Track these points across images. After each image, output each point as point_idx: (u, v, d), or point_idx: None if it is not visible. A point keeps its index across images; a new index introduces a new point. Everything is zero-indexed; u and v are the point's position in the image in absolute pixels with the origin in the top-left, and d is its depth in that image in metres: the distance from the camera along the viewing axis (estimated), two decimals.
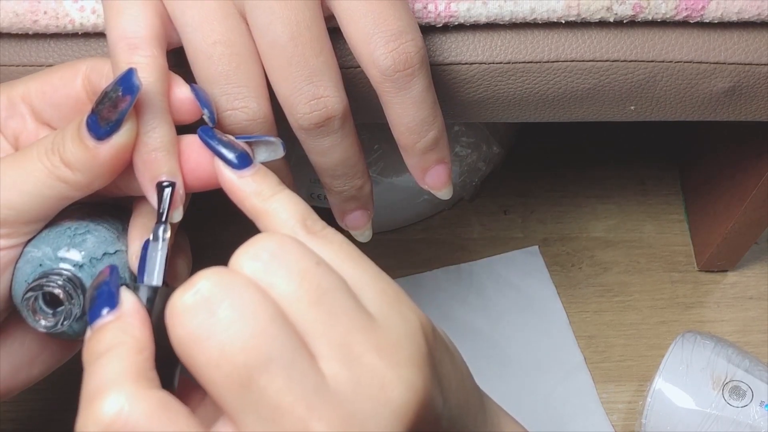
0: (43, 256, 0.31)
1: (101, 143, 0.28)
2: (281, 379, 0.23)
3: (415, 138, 0.34)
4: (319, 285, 0.24)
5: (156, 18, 0.31)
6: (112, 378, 0.24)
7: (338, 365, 0.23)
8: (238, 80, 0.31)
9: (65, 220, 0.32)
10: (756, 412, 0.51)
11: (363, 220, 0.37)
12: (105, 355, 0.25)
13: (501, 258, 0.66)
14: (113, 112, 0.28)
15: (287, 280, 0.24)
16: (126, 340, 0.25)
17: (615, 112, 0.41)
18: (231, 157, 0.29)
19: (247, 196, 0.28)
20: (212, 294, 0.23)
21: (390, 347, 0.24)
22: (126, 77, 0.27)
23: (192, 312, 0.23)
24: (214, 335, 0.23)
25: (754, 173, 0.54)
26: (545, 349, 0.62)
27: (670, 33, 0.38)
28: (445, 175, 0.36)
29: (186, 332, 0.23)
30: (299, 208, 0.28)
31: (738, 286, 0.65)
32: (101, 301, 0.26)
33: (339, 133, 0.33)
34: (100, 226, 0.32)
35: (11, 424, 0.57)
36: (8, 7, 0.35)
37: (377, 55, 0.31)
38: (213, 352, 0.23)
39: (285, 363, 0.23)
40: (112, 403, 0.23)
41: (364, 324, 0.24)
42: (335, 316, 0.24)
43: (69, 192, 0.30)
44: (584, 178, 0.70)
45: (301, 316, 0.24)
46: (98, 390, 0.24)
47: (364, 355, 0.24)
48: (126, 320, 0.26)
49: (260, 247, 0.25)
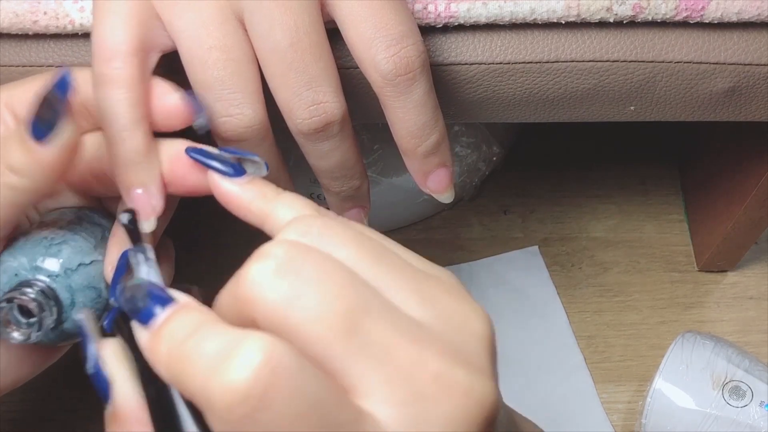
0: (19, 266, 0.31)
1: (42, 145, 0.28)
2: (383, 320, 0.23)
3: (416, 142, 0.34)
4: (372, 247, 0.25)
5: (136, 28, 0.30)
6: (230, 337, 0.22)
7: (420, 308, 0.24)
8: (234, 86, 0.31)
9: (44, 229, 0.32)
10: (756, 412, 0.51)
11: (359, 217, 0.38)
12: (198, 330, 0.23)
13: (501, 258, 0.66)
14: (49, 112, 0.28)
15: (344, 247, 0.25)
16: (207, 316, 0.23)
17: (615, 112, 0.41)
18: (226, 168, 0.29)
19: (252, 200, 0.28)
20: (290, 257, 0.23)
21: (454, 291, 0.25)
22: (61, 79, 0.27)
23: (279, 274, 0.23)
24: (308, 292, 0.22)
25: (754, 173, 0.54)
26: (545, 349, 0.62)
27: (670, 33, 0.38)
28: (446, 178, 0.36)
29: (277, 295, 0.22)
30: (308, 203, 0.28)
31: (738, 286, 0.65)
32: (151, 303, 0.24)
33: (338, 137, 0.33)
34: (77, 235, 0.32)
35: (11, 424, 0.57)
36: (8, 7, 0.35)
37: (378, 60, 0.31)
38: (312, 309, 0.22)
39: (380, 308, 0.23)
40: (256, 346, 0.21)
41: (424, 276, 0.25)
42: (398, 269, 0.25)
43: (19, 198, 0.29)
44: (584, 178, 0.70)
45: (368, 273, 0.24)
46: (224, 349, 0.21)
47: (438, 296, 0.25)
48: (192, 305, 0.24)
49: (307, 224, 0.25)
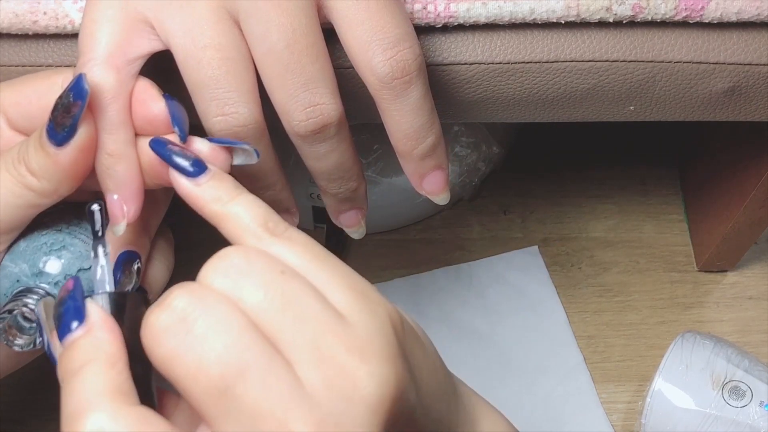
0: (20, 273, 0.31)
1: (60, 149, 0.29)
2: (257, 386, 0.23)
3: (412, 144, 0.34)
4: (283, 293, 0.25)
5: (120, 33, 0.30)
6: (90, 397, 0.24)
7: (311, 369, 0.24)
8: (228, 85, 0.31)
9: (44, 231, 0.32)
10: (755, 412, 0.51)
11: (357, 218, 0.38)
12: (79, 373, 0.25)
13: (501, 258, 0.66)
14: (67, 117, 0.28)
15: (254, 292, 0.25)
16: (98, 356, 0.25)
17: (615, 112, 0.41)
18: (185, 165, 0.28)
19: (206, 202, 0.28)
20: (186, 312, 0.24)
21: (360, 344, 0.25)
22: (76, 83, 0.28)
23: (169, 331, 0.24)
24: (191, 350, 0.23)
25: (754, 173, 0.54)
26: (545, 349, 0.62)
27: (670, 33, 0.38)
28: (442, 181, 0.36)
29: (165, 351, 0.24)
30: (260, 211, 0.28)
31: (737, 286, 0.65)
32: (68, 317, 0.26)
33: (334, 139, 0.33)
34: (76, 238, 0.33)
35: (11, 424, 0.57)
36: (8, 7, 0.35)
37: (375, 63, 0.31)
38: (191, 367, 0.23)
39: (260, 370, 0.23)
40: (93, 424, 0.24)
41: (333, 325, 0.25)
42: (303, 320, 0.25)
43: (37, 199, 0.30)
44: (584, 178, 0.70)
45: (271, 325, 0.24)
46: (77, 411, 0.24)
47: (334, 356, 0.24)
48: (95, 334, 0.26)
49: (227, 263, 0.25)
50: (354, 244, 0.66)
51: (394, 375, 0.25)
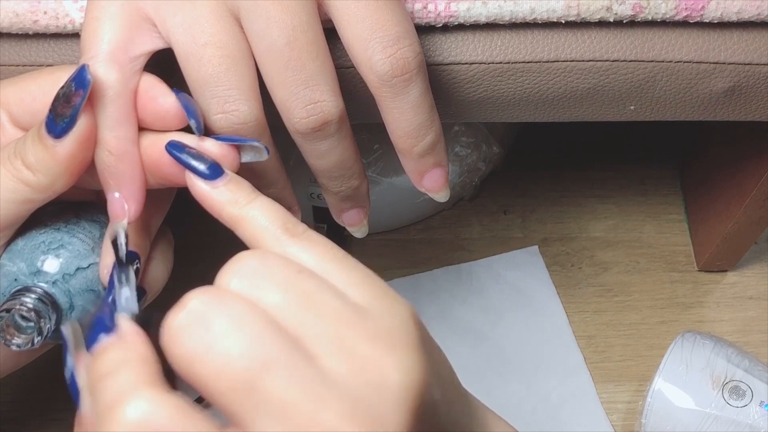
0: (18, 272, 0.31)
1: (59, 141, 0.29)
2: (283, 377, 0.23)
3: (412, 142, 0.34)
4: (302, 291, 0.25)
5: (122, 30, 0.30)
6: (129, 387, 0.24)
7: (336, 360, 0.24)
8: (229, 82, 0.31)
9: (42, 229, 0.32)
10: (755, 412, 0.51)
11: (359, 217, 0.38)
12: (114, 371, 0.24)
13: (501, 258, 0.66)
14: (67, 107, 0.28)
15: (273, 292, 0.25)
16: (131, 356, 0.25)
17: (615, 112, 0.41)
18: (202, 168, 0.28)
19: (223, 206, 0.28)
20: (205, 310, 0.24)
21: (384, 335, 0.25)
22: (79, 73, 0.28)
23: (189, 329, 0.24)
24: (213, 348, 0.23)
25: (754, 173, 0.54)
26: (545, 349, 0.62)
27: (670, 33, 0.38)
28: (442, 178, 0.36)
29: (185, 350, 0.23)
30: (278, 213, 0.28)
31: (738, 286, 0.65)
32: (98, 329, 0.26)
33: (335, 136, 0.33)
34: (75, 237, 0.32)
35: (12, 424, 0.57)
36: (8, 7, 0.35)
37: (375, 61, 0.31)
38: (215, 364, 0.23)
39: (284, 363, 0.23)
40: (136, 407, 0.23)
41: (355, 317, 0.25)
42: (324, 315, 0.24)
43: (32, 194, 0.30)
44: (584, 178, 0.70)
45: (291, 322, 0.24)
46: (117, 399, 0.23)
47: (359, 347, 0.24)
48: (127, 339, 0.26)
49: (243, 265, 0.25)
50: (354, 244, 0.66)
51: (419, 365, 0.25)
